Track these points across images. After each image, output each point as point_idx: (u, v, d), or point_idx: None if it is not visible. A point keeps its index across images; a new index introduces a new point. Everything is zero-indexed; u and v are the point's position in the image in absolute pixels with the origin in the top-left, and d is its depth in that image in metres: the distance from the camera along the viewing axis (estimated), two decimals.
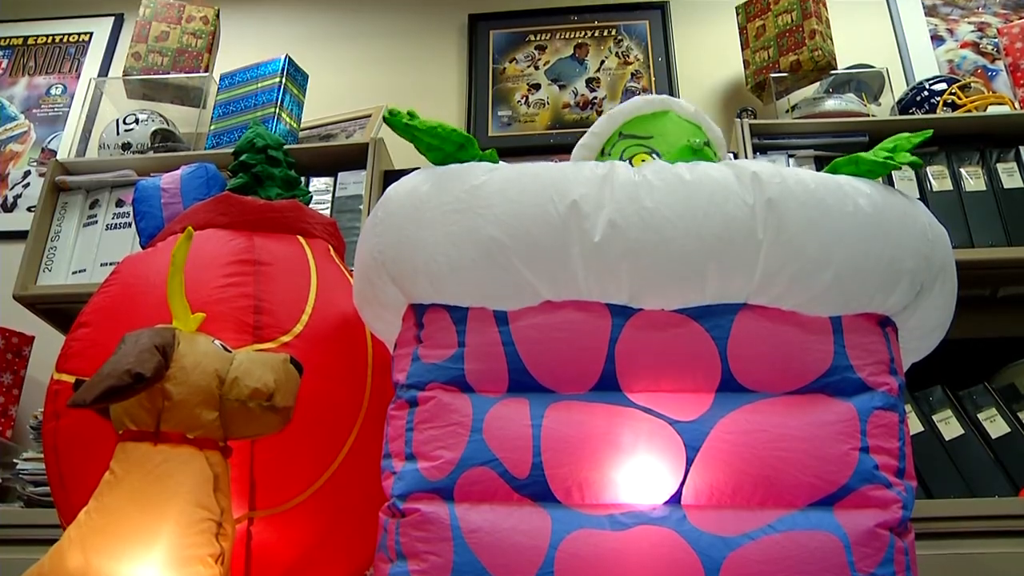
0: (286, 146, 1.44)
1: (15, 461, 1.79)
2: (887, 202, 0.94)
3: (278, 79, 2.16)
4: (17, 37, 2.70)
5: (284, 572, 1.09)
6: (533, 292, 0.92)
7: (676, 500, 0.86)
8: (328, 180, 2.05)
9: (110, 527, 0.86)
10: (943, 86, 2.05)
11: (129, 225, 2.01)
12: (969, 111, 1.97)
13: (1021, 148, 1.88)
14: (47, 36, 2.69)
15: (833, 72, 2.11)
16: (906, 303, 0.95)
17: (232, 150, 1.40)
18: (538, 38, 2.48)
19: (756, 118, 2.09)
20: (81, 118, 2.43)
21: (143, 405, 0.93)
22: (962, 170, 1.87)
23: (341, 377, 1.15)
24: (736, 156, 1.92)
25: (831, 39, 2.12)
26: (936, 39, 2.36)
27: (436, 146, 1.01)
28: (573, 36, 2.47)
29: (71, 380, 1.07)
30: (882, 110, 2.17)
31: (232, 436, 0.97)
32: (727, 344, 0.91)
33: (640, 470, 0.87)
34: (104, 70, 2.59)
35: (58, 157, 2.23)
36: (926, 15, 2.41)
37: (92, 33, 2.67)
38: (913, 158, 0.98)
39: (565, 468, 0.87)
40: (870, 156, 0.99)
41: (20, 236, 2.16)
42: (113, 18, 2.69)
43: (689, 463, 0.86)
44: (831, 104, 2.07)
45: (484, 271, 0.92)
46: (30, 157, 2.48)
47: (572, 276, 0.90)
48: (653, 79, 2.36)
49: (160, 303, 1.03)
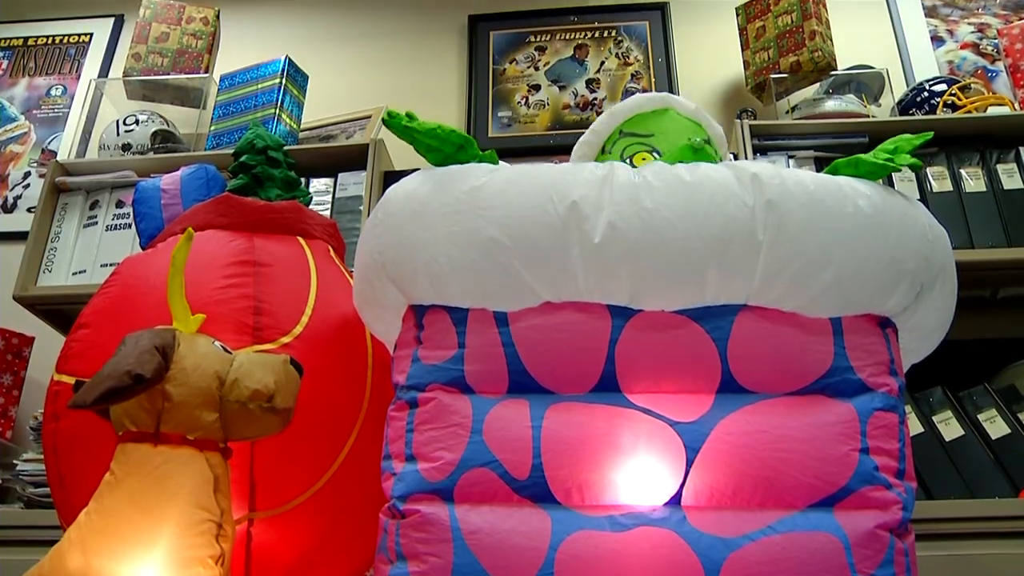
0: (286, 147, 1.44)
1: (15, 462, 1.78)
2: (887, 203, 0.94)
3: (278, 80, 2.16)
4: (17, 38, 2.70)
5: (284, 573, 1.09)
6: (533, 293, 0.92)
7: (676, 501, 0.86)
8: (328, 181, 2.05)
9: (110, 528, 0.86)
10: (943, 87, 2.05)
11: (129, 226, 2.01)
12: (969, 112, 1.97)
13: (1021, 149, 1.88)
14: (47, 37, 2.69)
15: (833, 73, 2.11)
16: (906, 304, 0.95)
17: (232, 151, 1.40)
18: (538, 39, 2.48)
19: (756, 119, 2.09)
20: (81, 119, 2.43)
21: (143, 406, 0.93)
22: (962, 171, 1.87)
23: (341, 378, 1.15)
24: (736, 157, 1.92)
25: (831, 40, 2.12)
26: (936, 40, 2.36)
27: (435, 147, 1.01)
28: (573, 37, 2.47)
29: (71, 381, 1.07)
30: (882, 111, 2.17)
31: (232, 437, 0.97)
32: (727, 345, 0.91)
33: (640, 471, 0.87)
34: (104, 71, 2.59)
35: (58, 158, 2.23)
36: (926, 16, 2.41)
37: (92, 34, 2.67)
38: (913, 160, 0.98)
39: (565, 469, 0.87)
40: (870, 158, 0.99)
41: (20, 237, 2.16)
42: (113, 19, 2.69)
43: (689, 464, 0.86)
44: (831, 105, 2.07)
45: (484, 272, 0.92)
46: (30, 158, 2.48)
47: (572, 277, 0.90)
48: (653, 80, 2.36)
49: (160, 304, 1.03)
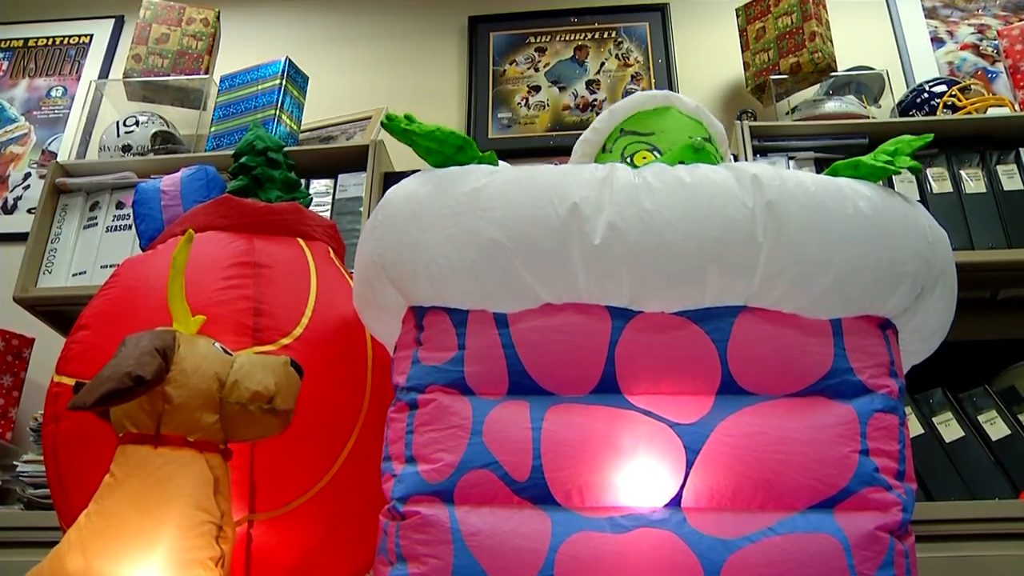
0: (286, 148, 1.45)
1: (15, 463, 1.78)
2: (887, 205, 0.94)
3: (278, 81, 2.16)
4: (17, 39, 2.70)
5: (284, 575, 1.09)
6: (533, 294, 0.92)
7: (676, 503, 0.86)
8: (328, 182, 2.05)
9: (110, 530, 0.86)
10: (943, 88, 2.05)
11: (129, 227, 2.01)
12: (969, 113, 1.97)
13: (1021, 150, 1.88)
14: (47, 38, 2.69)
15: (833, 74, 2.11)
16: (906, 305, 0.95)
17: (232, 152, 1.40)
18: (538, 40, 2.48)
19: (756, 120, 2.09)
20: (81, 120, 2.43)
21: (143, 408, 0.93)
22: (962, 172, 1.87)
23: (341, 379, 1.15)
24: (736, 158, 1.92)
25: (831, 41, 2.12)
26: (936, 41, 2.36)
27: (435, 149, 1.01)
28: (573, 38, 2.47)
29: (71, 383, 1.07)
30: (882, 112, 2.17)
31: (232, 439, 0.97)
32: (727, 347, 0.91)
33: (640, 473, 0.86)
34: (104, 72, 2.59)
35: (58, 159, 2.23)
36: (926, 17, 2.41)
37: (92, 35, 2.67)
38: (913, 163, 0.98)
39: (565, 471, 0.87)
40: (870, 160, 0.99)
41: (20, 238, 2.16)
42: (113, 20, 2.69)
43: (689, 466, 0.86)
44: (831, 106, 2.07)
45: (484, 273, 0.92)
46: (30, 159, 2.48)
47: (572, 279, 0.90)
48: (653, 81, 2.36)
49: (160, 306, 1.03)
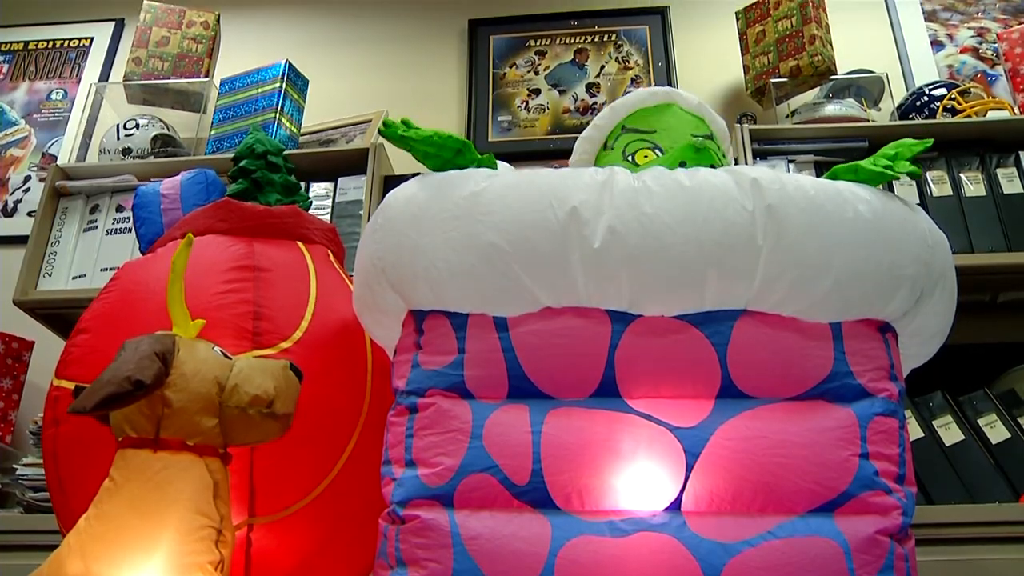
0: (286, 151, 1.45)
1: (15, 466, 1.78)
2: (887, 208, 0.94)
3: (278, 84, 2.16)
4: (18, 42, 2.70)
5: None
6: (533, 298, 0.92)
7: (676, 506, 0.86)
8: (328, 185, 2.05)
9: (110, 534, 0.86)
10: (943, 91, 2.05)
11: (129, 230, 2.01)
12: (969, 116, 1.97)
13: (1021, 153, 1.88)
14: (48, 41, 2.69)
15: (833, 77, 2.11)
16: (906, 309, 0.95)
17: (232, 155, 1.40)
18: (538, 43, 2.48)
19: (756, 123, 2.09)
20: (81, 123, 2.43)
21: (143, 412, 0.93)
22: (962, 175, 1.87)
23: (341, 383, 1.15)
24: (736, 161, 1.92)
25: (831, 44, 2.12)
26: (936, 44, 2.36)
27: (433, 153, 1.01)
28: (573, 41, 2.47)
29: (71, 386, 1.07)
30: (882, 115, 2.17)
31: (232, 443, 0.97)
32: (727, 350, 0.91)
33: (640, 476, 0.86)
34: (105, 75, 2.59)
35: (58, 162, 2.23)
36: (926, 20, 2.41)
37: (93, 38, 2.67)
38: (912, 168, 0.98)
39: (565, 474, 0.87)
40: (869, 165, 0.99)
41: (20, 241, 2.16)
42: (114, 23, 2.69)
43: (689, 469, 0.86)
44: (831, 109, 2.07)
45: (484, 277, 0.92)
46: (30, 162, 2.48)
47: (572, 282, 0.90)
48: (653, 84, 2.36)
49: (160, 309, 1.03)
